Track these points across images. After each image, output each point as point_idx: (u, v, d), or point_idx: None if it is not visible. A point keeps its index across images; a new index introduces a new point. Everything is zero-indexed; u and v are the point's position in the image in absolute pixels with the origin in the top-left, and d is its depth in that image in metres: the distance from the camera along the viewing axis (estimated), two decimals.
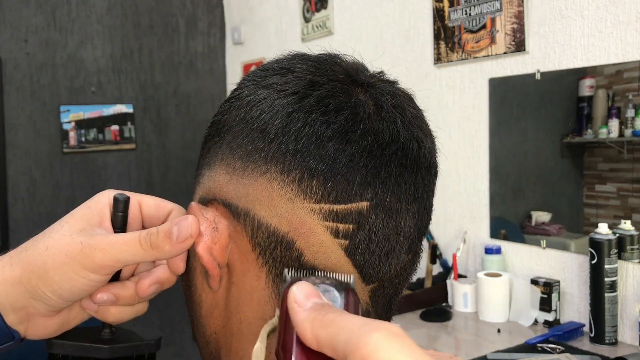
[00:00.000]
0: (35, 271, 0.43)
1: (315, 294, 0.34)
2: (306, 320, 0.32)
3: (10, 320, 0.44)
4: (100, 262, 0.43)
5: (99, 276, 0.44)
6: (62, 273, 0.43)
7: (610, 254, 1.64)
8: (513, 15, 1.95)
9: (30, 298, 0.44)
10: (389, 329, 0.29)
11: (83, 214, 0.46)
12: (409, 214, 0.44)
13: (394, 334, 0.29)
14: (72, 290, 0.44)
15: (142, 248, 0.43)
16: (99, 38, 3.26)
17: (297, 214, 0.41)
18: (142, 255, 0.43)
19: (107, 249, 0.43)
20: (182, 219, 0.43)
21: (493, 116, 2.09)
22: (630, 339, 1.68)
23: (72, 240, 0.43)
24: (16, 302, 0.44)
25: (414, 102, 0.47)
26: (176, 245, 0.43)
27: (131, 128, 3.35)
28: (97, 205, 0.46)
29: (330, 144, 0.41)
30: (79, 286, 0.44)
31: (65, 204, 3.16)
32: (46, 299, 0.44)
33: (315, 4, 2.88)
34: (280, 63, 0.46)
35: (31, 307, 0.44)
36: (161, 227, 0.44)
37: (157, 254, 0.43)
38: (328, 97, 0.42)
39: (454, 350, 1.77)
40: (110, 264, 0.43)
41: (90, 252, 0.43)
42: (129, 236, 0.44)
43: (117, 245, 0.43)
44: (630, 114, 1.71)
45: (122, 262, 0.44)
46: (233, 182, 0.43)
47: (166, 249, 0.43)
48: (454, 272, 2.07)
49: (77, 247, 0.43)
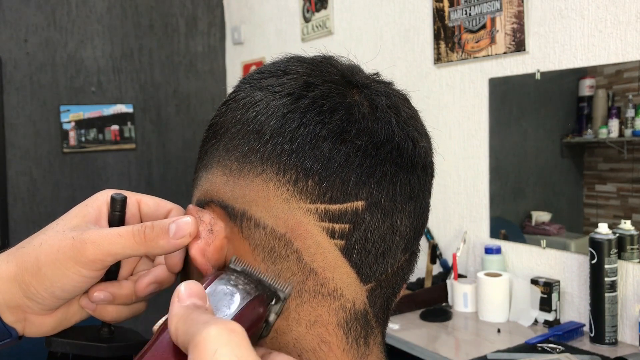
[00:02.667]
0: (28, 268, 0.43)
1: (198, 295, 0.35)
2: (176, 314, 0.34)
3: (7, 318, 0.44)
4: (91, 255, 0.42)
5: (90, 272, 0.43)
6: (54, 269, 0.42)
7: (610, 254, 1.64)
8: (513, 15, 1.95)
9: (24, 297, 0.44)
10: (226, 325, 0.31)
11: (79, 211, 0.46)
12: (405, 214, 0.44)
13: (228, 329, 0.31)
14: (64, 288, 0.43)
15: (134, 240, 0.43)
16: (99, 38, 3.26)
17: (293, 215, 0.41)
18: (134, 248, 0.43)
19: (98, 242, 0.42)
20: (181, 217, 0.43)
21: (493, 116, 2.09)
22: (630, 339, 1.67)
23: (64, 236, 0.43)
24: (11, 301, 0.44)
25: (409, 102, 0.47)
26: (172, 241, 0.42)
27: (131, 128, 3.36)
28: (95, 204, 0.46)
29: (325, 144, 0.41)
30: (72, 283, 0.43)
31: (65, 204, 3.16)
32: (39, 298, 0.44)
33: (315, 4, 2.87)
34: (276, 65, 0.46)
35: (25, 306, 0.44)
36: (157, 222, 0.43)
37: (150, 248, 0.43)
38: (323, 98, 0.42)
39: (454, 350, 1.77)
40: (102, 258, 0.42)
41: (81, 246, 0.42)
42: (121, 229, 0.43)
43: (109, 238, 0.42)
44: (630, 114, 1.71)
45: (113, 255, 0.43)
46: (230, 183, 0.43)
47: (160, 244, 0.43)
48: (454, 272, 2.07)
49: (69, 242, 0.42)
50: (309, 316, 0.42)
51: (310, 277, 0.41)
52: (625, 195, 1.74)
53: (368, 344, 0.44)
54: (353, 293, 0.43)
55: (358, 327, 0.43)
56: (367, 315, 0.44)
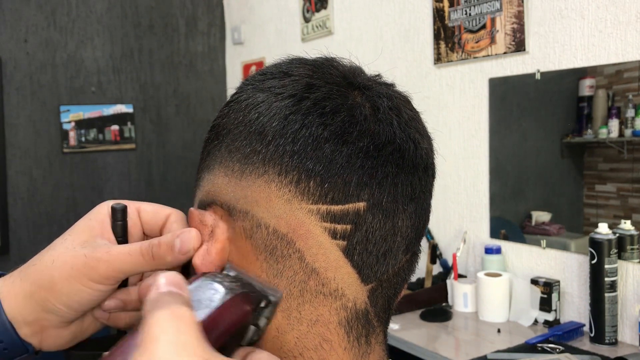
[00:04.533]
0: (44, 285, 0.45)
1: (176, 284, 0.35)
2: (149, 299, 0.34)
3: (24, 332, 0.46)
4: (104, 273, 0.45)
5: (104, 286, 0.45)
6: (70, 285, 0.44)
7: (610, 254, 1.64)
8: (513, 15, 1.95)
9: (42, 311, 0.45)
10: (173, 310, 0.32)
11: (84, 227, 0.47)
12: (406, 215, 0.44)
13: (175, 315, 0.31)
14: (80, 302, 0.45)
15: (143, 259, 0.45)
16: (99, 38, 3.26)
17: (295, 215, 0.41)
18: (143, 266, 0.45)
19: (110, 261, 0.44)
20: (185, 231, 0.44)
21: (493, 116, 2.09)
22: (630, 339, 1.68)
23: (75, 253, 0.45)
24: (29, 316, 0.46)
25: (410, 104, 0.48)
26: (178, 256, 0.44)
27: (131, 128, 3.36)
28: (98, 217, 0.48)
29: (327, 145, 0.41)
30: (87, 297, 0.45)
31: (65, 204, 3.16)
32: (57, 310, 0.45)
33: (315, 4, 2.88)
34: (278, 67, 0.47)
35: (44, 319, 0.46)
36: (163, 238, 0.45)
37: (159, 265, 0.45)
38: (325, 100, 0.43)
39: (454, 350, 1.77)
40: (114, 275, 0.45)
41: (94, 264, 0.44)
42: (131, 247, 0.45)
43: (120, 257, 0.45)
44: (630, 114, 1.71)
45: (124, 272, 0.45)
46: (232, 184, 0.44)
47: (168, 260, 0.45)
48: (454, 272, 2.08)
49: (82, 260, 0.45)
50: (311, 315, 0.42)
51: (311, 277, 0.42)
52: (625, 195, 1.74)
53: (370, 343, 0.44)
54: (354, 293, 0.43)
55: (359, 327, 0.43)
56: (368, 314, 0.44)
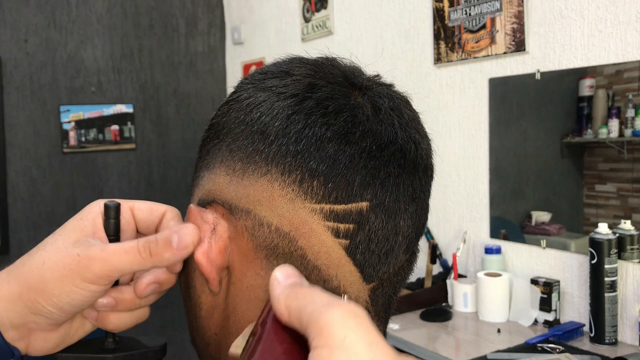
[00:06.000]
0: (33, 286, 0.43)
1: (295, 275, 0.35)
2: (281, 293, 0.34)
3: (10, 336, 0.44)
4: (98, 272, 0.43)
5: (97, 287, 0.43)
6: (62, 286, 0.43)
7: (610, 254, 1.65)
8: (513, 15, 1.95)
9: (31, 313, 0.44)
10: (350, 308, 0.30)
11: (76, 225, 0.45)
12: (408, 214, 0.44)
13: (353, 313, 0.30)
14: (72, 303, 0.43)
15: (140, 256, 0.43)
16: (99, 38, 3.26)
17: (298, 214, 0.42)
18: (140, 264, 0.43)
19: (105, 259, 0.43)
20: (183, 227, 0.43)
21: (493, 116, 2.09)
22: (630, 339, 1.68)
23: (67, 252, 0.43)
24: (16, 319, 0.44)
25: (410, 104, 0.48)
26: (176, 253, 0.43)
27: (131, 128, 3.36)
28: (89, 216, 0.46)
29: (330, 145, 0.42)
30: (79, 298, 0.43)
31: (65, 204, 3.16)
32: (47, 313, 0.43)
33: (315, 4, 2.88)
34: (279, 66, 0.46)
35: (32, 322, 0.44)
36: (160, 235, 0.44)
37: (156, 262, 0.43)
38: (327, 100, 0.43)
39: (454, 350, 1.77)
40: (109, 274, 0.43)
41: (87, 263, 0.42)
42: (127, 245, 0.43)
43: (115, 255, 0.43)
44: (630, 114, 1.71)
45: (120, 271, 0.43)
46: (233, 183, 0.44)
47: (166, 257, 0.43)
48: (454, 272, 2.08)
49: (74, 259, 0.43)
50: None
51: (313, 274, 0.42)
52: (625, 195, 1.74)
53: None
54: (356, 291, 0.43)
55: None
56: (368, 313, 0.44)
